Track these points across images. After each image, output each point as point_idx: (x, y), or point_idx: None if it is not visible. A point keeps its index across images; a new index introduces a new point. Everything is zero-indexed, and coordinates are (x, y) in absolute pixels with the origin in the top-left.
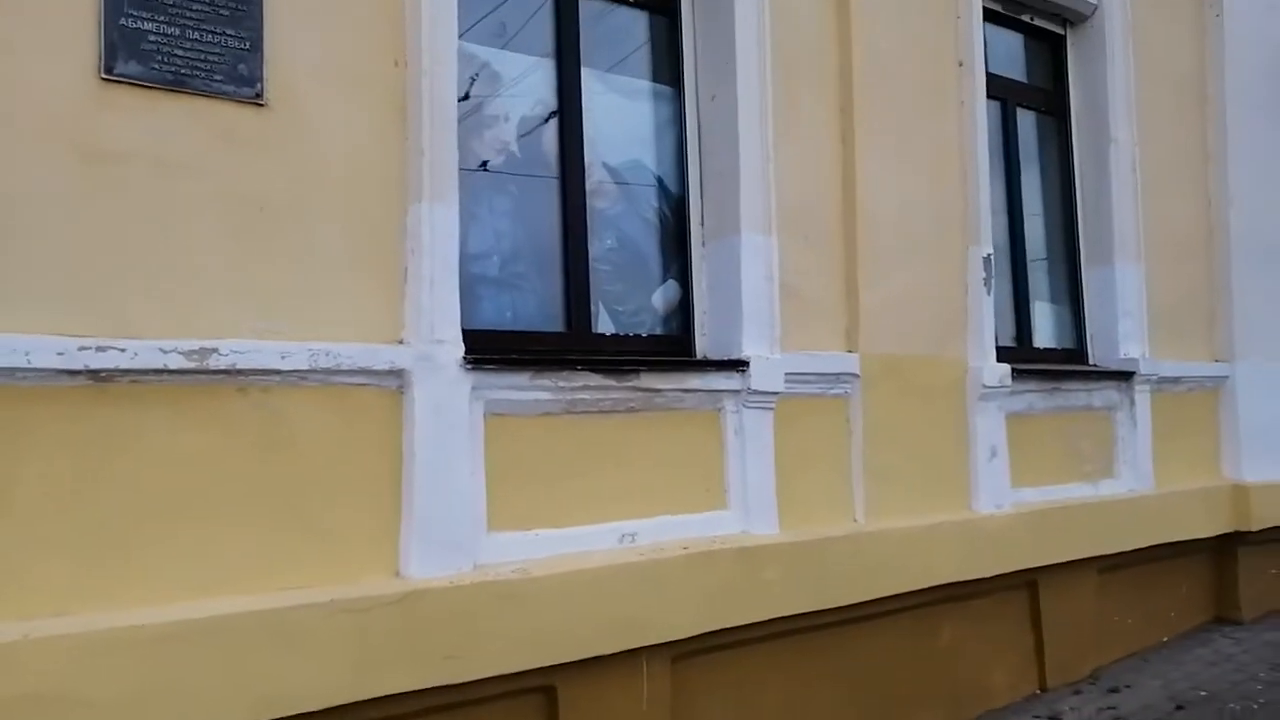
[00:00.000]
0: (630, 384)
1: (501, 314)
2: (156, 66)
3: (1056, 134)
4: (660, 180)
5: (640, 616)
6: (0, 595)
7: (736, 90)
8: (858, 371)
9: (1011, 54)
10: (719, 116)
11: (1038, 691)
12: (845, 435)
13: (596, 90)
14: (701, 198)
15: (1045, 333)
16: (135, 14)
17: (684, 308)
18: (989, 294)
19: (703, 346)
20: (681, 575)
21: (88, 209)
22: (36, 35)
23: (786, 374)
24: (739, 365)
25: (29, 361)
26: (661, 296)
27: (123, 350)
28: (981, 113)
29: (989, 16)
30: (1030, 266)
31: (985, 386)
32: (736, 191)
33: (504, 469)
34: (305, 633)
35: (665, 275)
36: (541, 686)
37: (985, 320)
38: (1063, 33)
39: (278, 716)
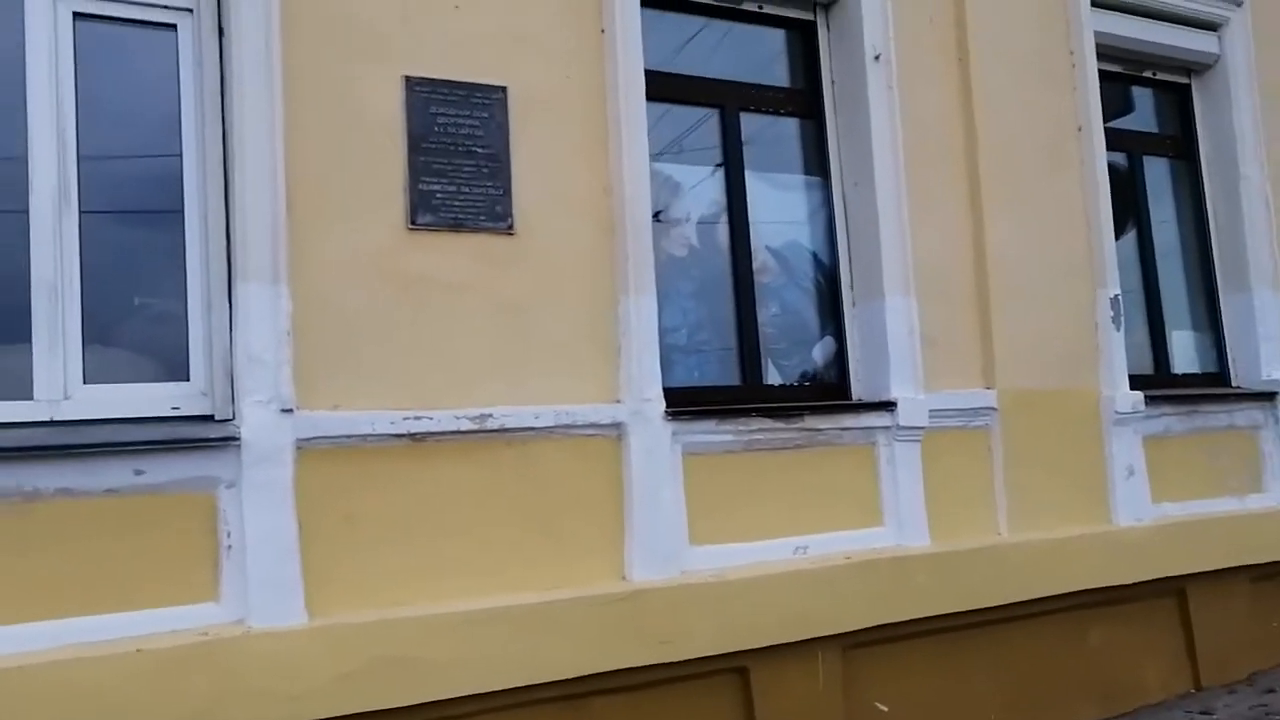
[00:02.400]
0: (796, 425)
1: (691, 373)
2: (442, 215)
3: (1188, 176)
4: (815, 255)
5: (813, 613)
6: (356, 590)
7: (874, 177)
8: (995, 405)
9: (1141, 106)
10: (861, 200)
11: (1192, 690)
12: (987, 460)
13: (758, 187)
14: (850, 267)
15: (1186, 360)
16: (428, 180)
17: (839, 359)
18: (1118, 330)
19: (857, 391)
20: (846, 580)
21: (402, 320)
22: (368, 203)
23: (930, 411)
24: (888, 406)
25: (373, 429)
26: (820, 351)
27: (431, 419)
28: (1102, 169)
29: (1110, 78)
30: (1167, 299)
31: (1118, 413)
32: (879, 261)
33: (700, 496)
34: (560, 620)
35: (822, 333)
36: (736, 667)
37: (1115, 353)
38: (1187, 82)
39: (545, 680)
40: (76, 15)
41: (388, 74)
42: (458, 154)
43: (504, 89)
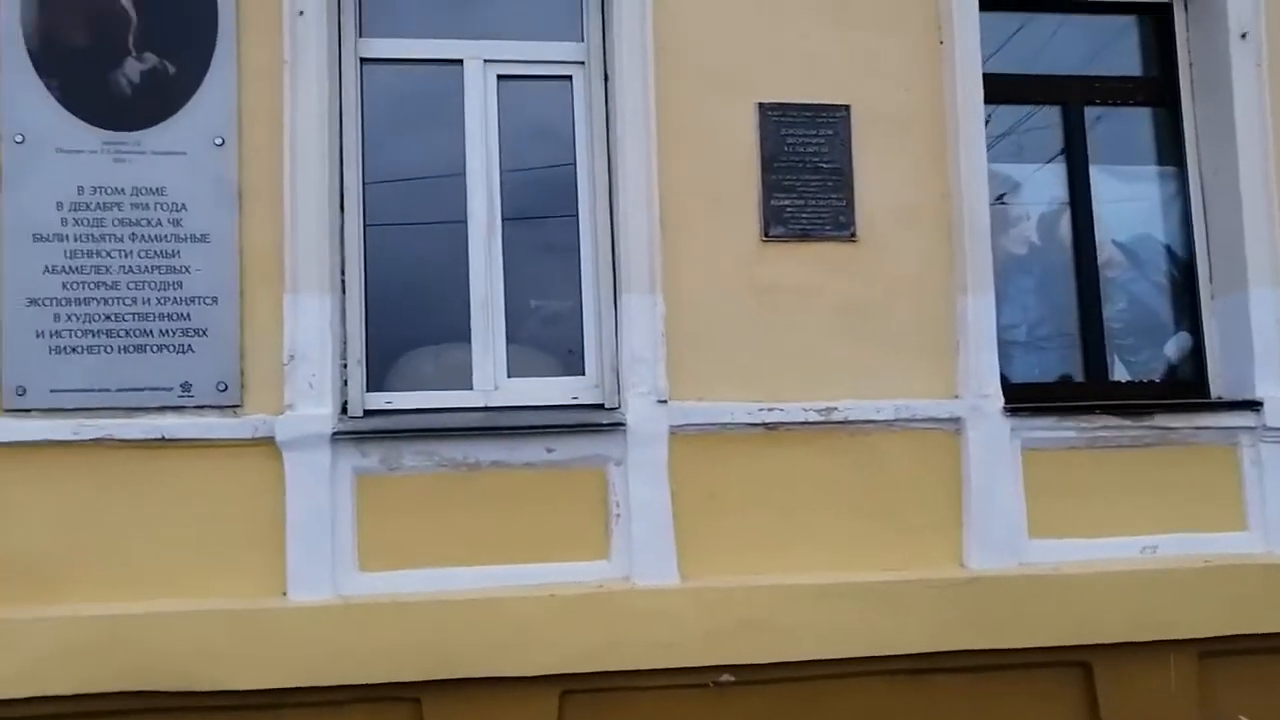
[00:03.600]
0: (1145, 423)
1: (1031, 370)
2: (792, 227)
3: None
4: (1168, 248)
5: (1164, 615)
6: (719, 557)
7: (1238, 163)
8: None
9: None
10: (1223, 188)
11: None
12: None
13: (1103, 180)
14: (1209, 259)
15: None
16: (778, 197)
17: (1195, 356)
18: None
19: (1216, 389)
20: (1203, 584)
21: (756, 322)
22: (727, 219)
23: None
24: (1253, 405)
25: (732, 418)
26: (1174, 346)
27: (782, 410)
28: None
29: None
30: None
31: None
32: (1243, 251)
33: (1038, 490)
34: (902, 599)
35: (1176, 328)
36: (1078, 661)
37: None
38: None
39: (888, 653)
40: (500, 77)
41: (743, 102)
42: (805, 170)
43: (847, 107)
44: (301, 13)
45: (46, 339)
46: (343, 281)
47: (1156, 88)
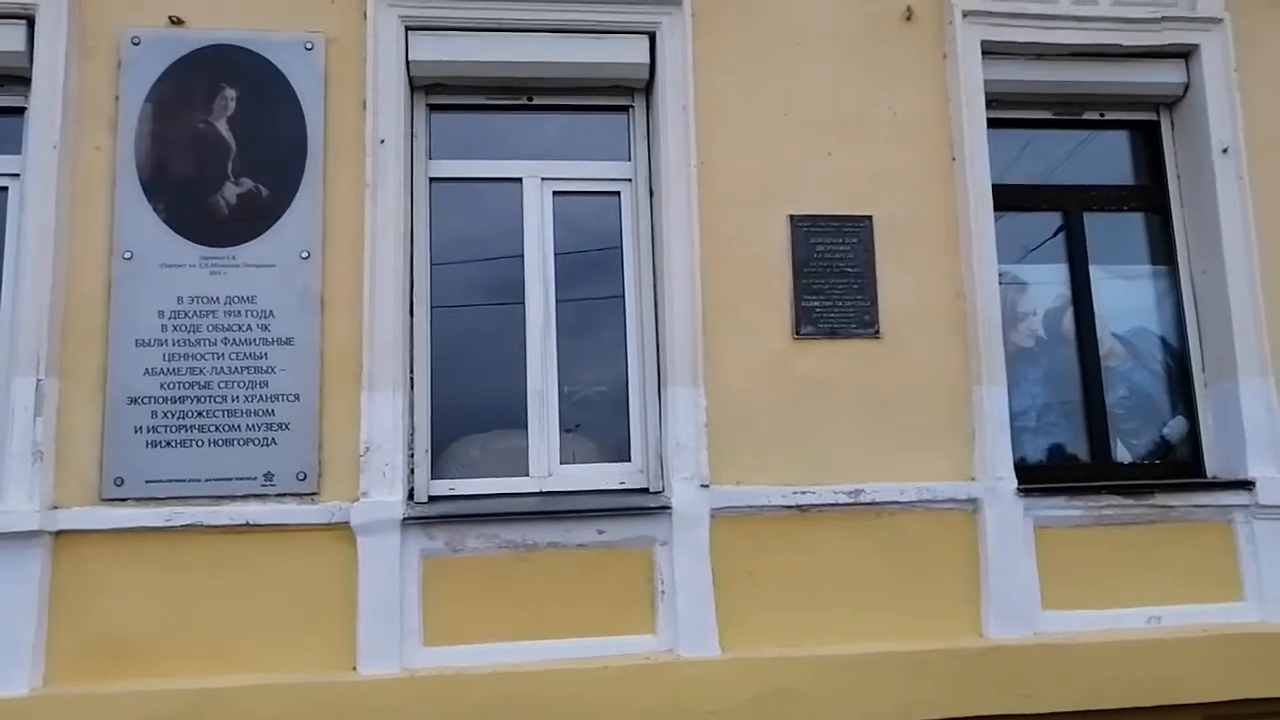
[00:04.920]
0: (1146, 502)
1: (1040, 453)
2: (821, 325)
3: None
4: (1162, 339)
5: (1169, 680)
6: (758, 631)
7: (1225, 262)
8: None
9: None
10: (1212, 285)
11: None
12: None
13: (1102, 279)
14: (1201, 349)
15: None
16: (809, 299)
17: (1191, 438)
18: None
19: (1211, 469)
20: (1204, 651)
21: (789, 412)
22: (762, 319)
23: None
24: (1246, 484)
25: (769, 501)
26: (1172, 430)
27: (814, 493)
28: None
29: None
30: None
31: None
32: (1232, 342)
33: (1051, 564)
34: (927, 667)
35: (1173, 412)
36: None
37: None
38: None
39: (909, 719)
40: (555, 193)
41: (776, 214)
42: (832, 274)
43: (869, 218)
44: (383, 141)
45: (144, 434)
46: (411, 379)
47: (1149, 195)
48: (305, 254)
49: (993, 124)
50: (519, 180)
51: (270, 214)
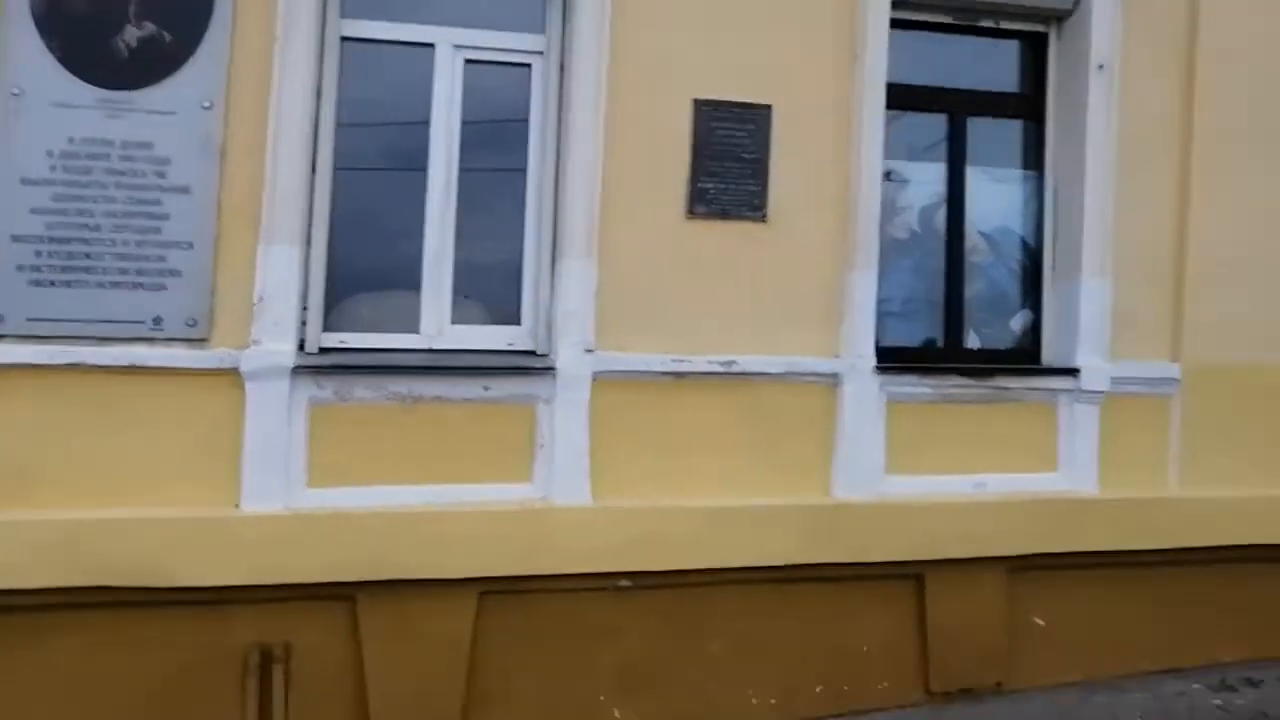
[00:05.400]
0: (988, 383)
1: (901, 336)
2: (714, 206)
3: None
4: (1023, 239)
5: (983, 536)
6: (627, 483)
7: (1085, 172)
8: (1178, 377)
9: None
10: (1071, 192)
11: None
12: (1165, 425)
13: (978, 180)
14: (1054, 250)
15: None
16: (705, 180)
17: (1035, 330)
18: None
19: (1047, 357)
20: (1015, 512)
21: (675, 286)
22: (658, 197)
23: (1112, 378)
24: (1072, 371)
25: (647, 367)
26: (1018, 321)
27: (691, 363)
28: None
29: None
30: None
31: None
32: (1080, 246)
33: (898, 435)
34: (778, 520)
35: (1022, 305)
36: (914, 574)
37: None
38: None
39: (764, 564)
40: (467, 61)
41: (682, 98)
42: (729, 158)
43: (769, 107)
44: None
45: (27, 272)
46: (309, 234)
47: (1029, 104)
48: (208, 104)
49: (895, 25)
50: (431, 46)
51: (173, 60)
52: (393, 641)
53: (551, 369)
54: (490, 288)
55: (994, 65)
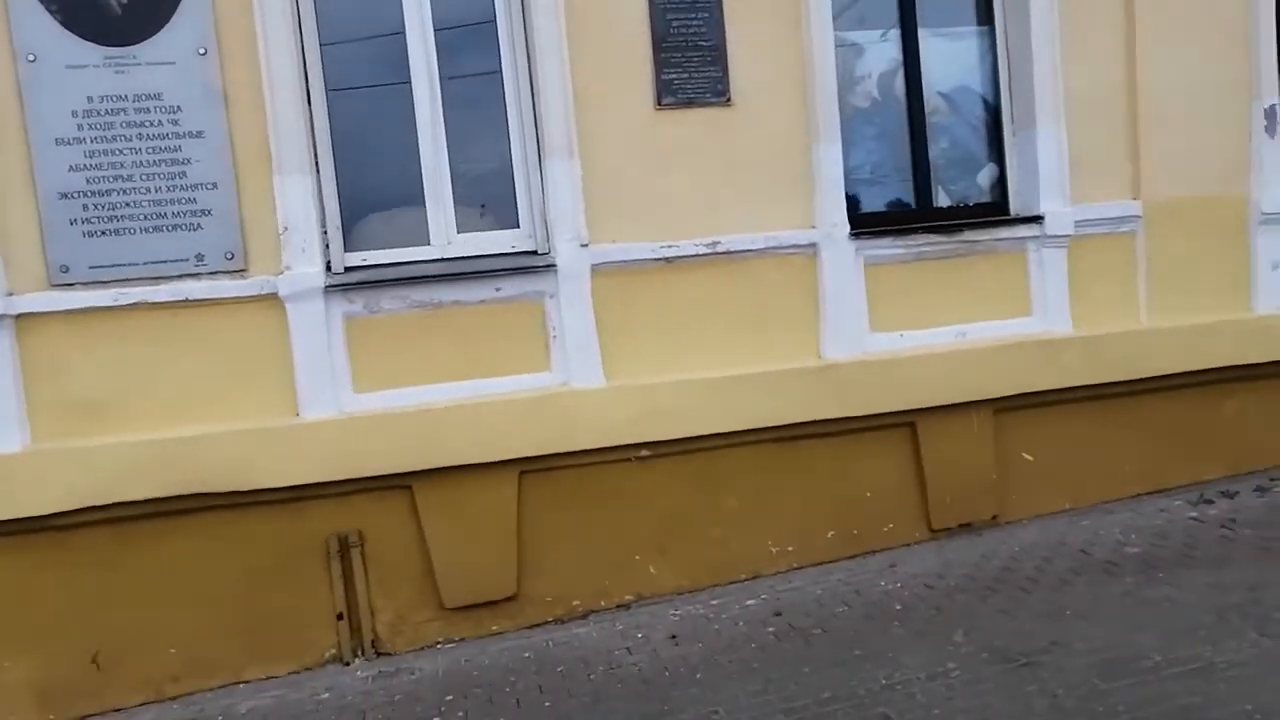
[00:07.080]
0: (958, 239)
1: (874, 201)
2: (679, 95)
3: None
4: (981, 96)
5: (969, 382)
6: (633, 363)
7: (1030, 22)
8: (1140, 214)
9: None
10: (1020, 44)
11: None
12: (1131, 261)
13: (931, 41)
14: (1011, 104)
15: None
16: (668, 71)
17: (1000, 183)
18: (1272, 138)
19: (1013, 208)
20: (997, 357)
21: (654, 176)
22: (627, 91)
23: (1076, 221)
24: (1037, 219)
25: (639, 256)
26: (985, 176)
27: (678, 247)
28: None
29: None
30: None
31: (1264, 213)
32: (1033, 95)
33: (878, 295)
34: (774, 384)
35: (987, 160)
36: (907, 422)
37: (1267, 159)
38: None
39: (764, 425)
40: None
41: None
42: (688, 48)
43: None
44: None
45: (79, 225)
46: (316, 163)
47: None
48: (203, 50)
49: None
50: None
51: (163, 11)
52: (449, 521)
53: (553, 265)
54: (488, 195)
55: None
